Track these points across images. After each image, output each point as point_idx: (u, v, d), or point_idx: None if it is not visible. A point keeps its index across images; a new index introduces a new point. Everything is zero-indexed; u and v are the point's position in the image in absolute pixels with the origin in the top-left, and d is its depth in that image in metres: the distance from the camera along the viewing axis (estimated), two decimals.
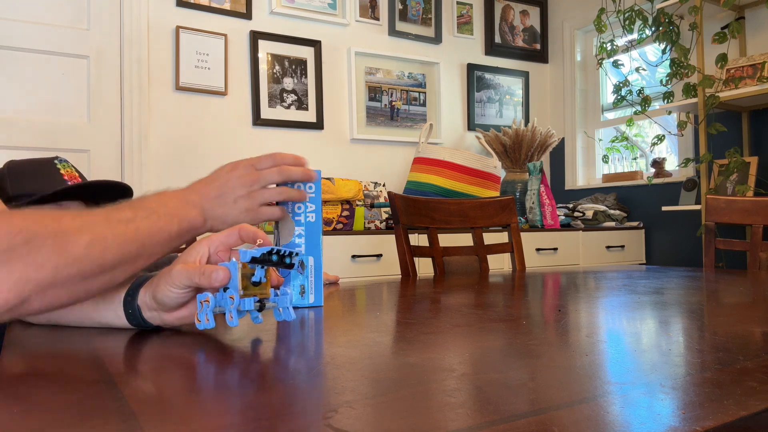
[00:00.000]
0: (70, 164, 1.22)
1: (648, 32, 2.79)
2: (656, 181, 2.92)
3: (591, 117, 3.47)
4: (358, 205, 2.42)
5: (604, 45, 2.91)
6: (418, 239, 2.40)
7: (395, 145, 3.10)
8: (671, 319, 0.68)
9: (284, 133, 2.81)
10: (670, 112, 2.78)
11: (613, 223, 3.01)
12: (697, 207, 2.59)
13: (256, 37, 2.73)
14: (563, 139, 3.48)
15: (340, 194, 2.33)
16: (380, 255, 2.37)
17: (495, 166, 2.85)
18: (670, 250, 2.96)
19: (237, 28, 2.71)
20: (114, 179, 1.35)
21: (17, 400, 0.38)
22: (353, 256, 2.31)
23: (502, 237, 2.39)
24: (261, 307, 0.58)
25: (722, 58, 2.42)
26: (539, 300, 0.87)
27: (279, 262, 0.58)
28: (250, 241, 0.61)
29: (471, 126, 3.33)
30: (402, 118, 3.12)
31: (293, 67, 2.83)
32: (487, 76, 3.41)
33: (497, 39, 3.43)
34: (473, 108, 3.34)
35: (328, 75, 2.94)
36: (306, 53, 2.86)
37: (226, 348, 0.54)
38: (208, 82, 2.62)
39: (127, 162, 2.45)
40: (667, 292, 0.92)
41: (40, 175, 1.15)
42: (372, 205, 2.67)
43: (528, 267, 1.74)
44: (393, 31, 3.08)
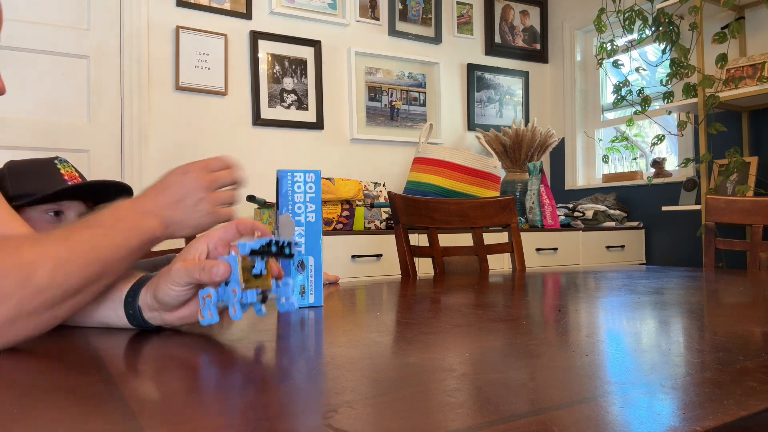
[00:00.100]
0: (70, 164, 1.22)
1: (648, 32, 2.78)
2: (656, 181, 2.92)
3: (591, 117, 3.46)
4: (358, 205, 2.42)
5: (604, 45, 2.91)
6: (418, 239, 2.40)
7: (395, 145, 3.10)
8: (671, 319, 0.68)
9: (284, 133, 2.81)
10: (670, 112, 2.78)
11: (613, 223, 3.01)
12: (697, 207, 2.59)
13: (256, 37, 2.73)
14: (563, 139, 3.48)
15: (340, 194, 2.33)
16: (380, 255, 2.37)
17: (495, 166, 2.85)
18: (670, 250, 2.96)
19: (237, 28, 2.71)
20: (114, 179, 1.34)
21: (17, 401, 0.37)
22: (353, 256, 2.31)
23: (502, 237, 2.39)
24: (264, 298, 0.58)
25: (722, 58, 2.42)
26: (539, 300, 0.87)
27: (278, 252, 0.57)
28: (248, 234, 0.60)
29: (471, 126, 3.33)
30: (402, 118, 3.12)
31: (293, 67, 2.83)
32: (487, 76, 3.41)
33: (497, 39, 3.43)
34: (473, 108, 3.34)
35: (328, 75, 2.94)
36: (306, 53, 2.86)
37: (226, 348, 0.54)
38: (208, 82, 2.62)
39: (127, 162, 2.45)
40: (667, 292, 0.92)
41: (40, 175, 1.15)
42: (372, 205, 2.67)
43: (528, 267, 1.74)
44: (393, 31, 3.08)
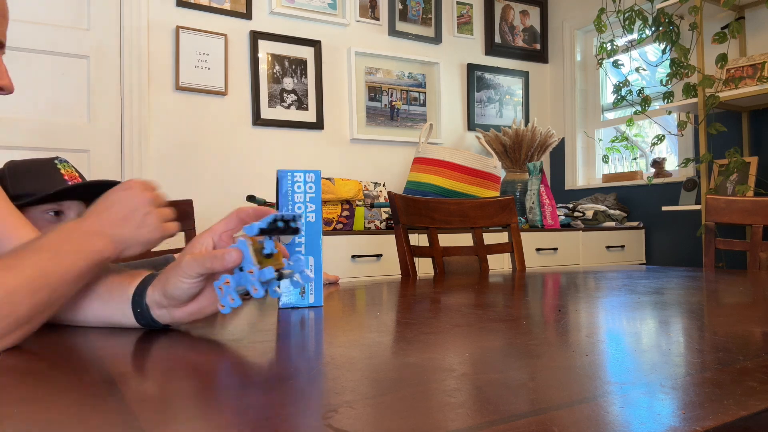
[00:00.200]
0: (70, 164, 1.22)
1: (648, 32, 2.78)
2: (656, 181, 2.92)
3: (591, 117, 3.46)
4: (358, 205, 2.42)
5: (604, 45, 2.91)
6: (418, 239, 2.40)
7: (395, 145, 3.10)
8: (671, 319, 0.68)
9: (284, 133, 2.81)
10: (670, 112, 2.78)
11: (613, 223, 3.01)
12: (697, 207, 2.59)
13: (256, 37, 2.73)
14: (563, 139, 3.48)
15: (340, 194, 2.33)
16: (380, 255, 2.37)
17: (495, 166, 2.85)
18: (670, 250, 2.96)
19: (237, 28, 2.71)
20: (114, 179, 1.35)
21: (17, 401, 0.37)
22: (353, 256, 2.31)
23: (502, 237, 2.39)
24: (280, 276, 0.57)
25: (722, 58, 2.42)
26: (539, 300, 0.87)
27: (285, 227, 0.57)
28: (251, 220, 0.60)
29: (471, 126, 3.33)
30: (402, 118, 3.12)
31: (293, 67, 2.83)
32: (487, 76, 3.41)
33: (497, 39, 3.43)
34: (473, 108, 3.34)
35: (328, 75, 2.94)
36: (306, 53, 2.86)
37: (226, 348, 0.54)
38: (208, 82, 2.62)
39: (127, 162, 2.45)
40: (667, 292, 0.92)
41: (40, 175, 1.15)
42: (372, 205, 2.67)
43: (528, 267, 1.74)
44: (393, 31, 3.08)
